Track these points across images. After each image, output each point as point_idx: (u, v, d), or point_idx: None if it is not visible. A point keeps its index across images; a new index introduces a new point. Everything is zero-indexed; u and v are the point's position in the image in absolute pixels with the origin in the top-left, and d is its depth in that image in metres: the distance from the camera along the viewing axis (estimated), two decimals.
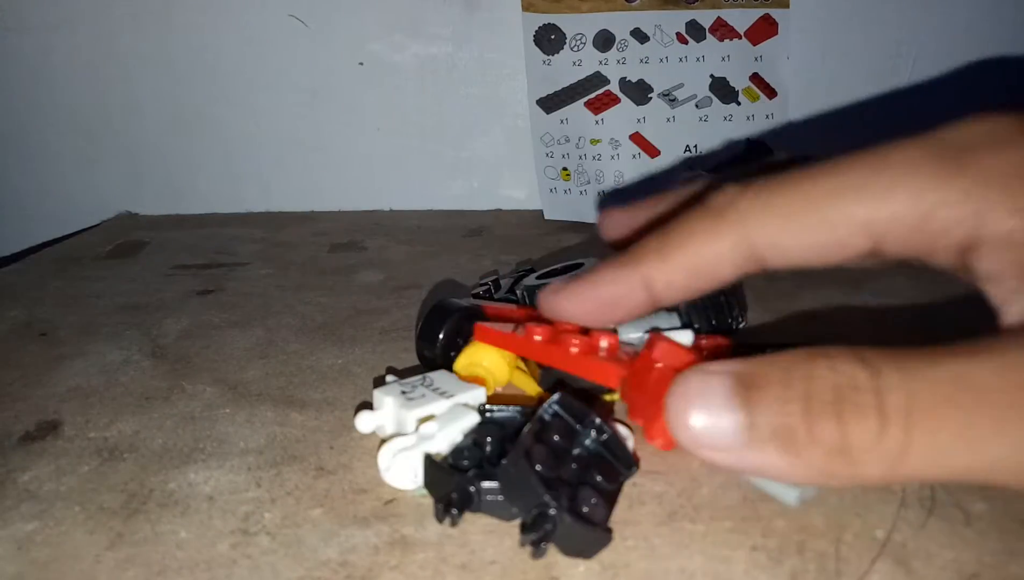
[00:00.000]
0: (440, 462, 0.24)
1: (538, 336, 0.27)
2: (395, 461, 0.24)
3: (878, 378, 0.18)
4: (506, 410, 0.26)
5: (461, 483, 0.22)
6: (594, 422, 0.24)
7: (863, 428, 0.18)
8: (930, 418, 0.17)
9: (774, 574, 0.21)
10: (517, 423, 0.25)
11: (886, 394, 0.18)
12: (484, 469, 0.23)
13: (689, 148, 0.57)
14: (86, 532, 0.23)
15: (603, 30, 0.56)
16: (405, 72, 0.60)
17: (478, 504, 0.22)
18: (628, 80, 0.57)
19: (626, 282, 0.25)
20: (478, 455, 0.24)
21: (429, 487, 0.24)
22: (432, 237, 0.54)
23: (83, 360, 0.34)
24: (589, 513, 0.21)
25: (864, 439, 0.18)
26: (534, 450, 0.22)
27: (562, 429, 0.23)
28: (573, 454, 0.23)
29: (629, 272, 0.24)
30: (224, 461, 0.27)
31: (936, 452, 0.17)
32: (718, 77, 0.57)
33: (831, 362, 0.18)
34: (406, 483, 0.24)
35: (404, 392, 0.27)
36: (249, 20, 0.60)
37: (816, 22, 0.57)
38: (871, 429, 0.18)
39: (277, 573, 0.21)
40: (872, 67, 0.58)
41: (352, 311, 0.40)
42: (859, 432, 0.18)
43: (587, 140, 0.57)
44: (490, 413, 0.26)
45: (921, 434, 0.17)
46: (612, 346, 0.27)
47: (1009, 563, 0.21)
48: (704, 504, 0.24)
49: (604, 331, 0.27)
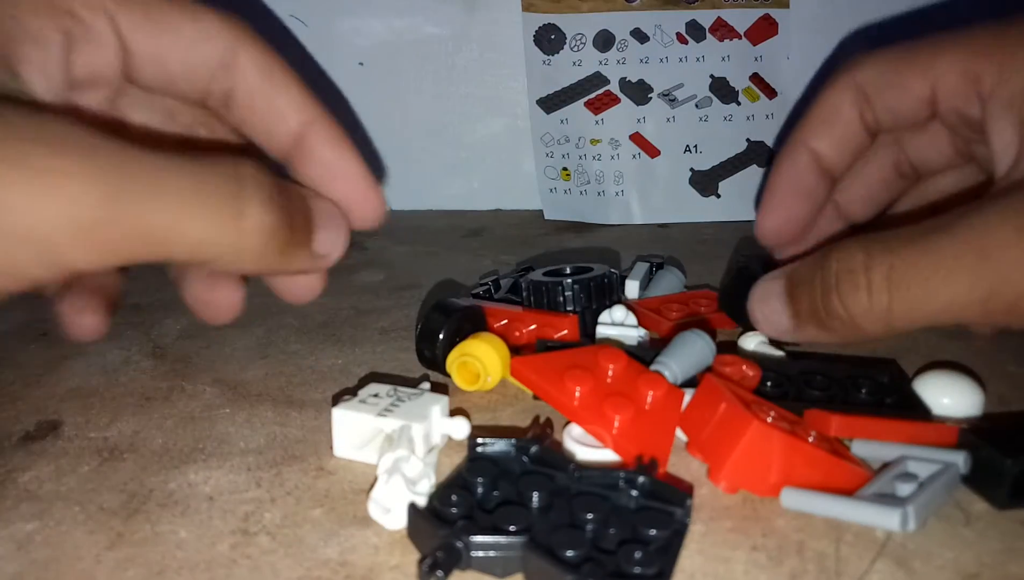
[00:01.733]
0: (424, 509, 0.22)
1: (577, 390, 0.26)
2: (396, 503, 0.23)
3: (870, 259, 0.24)
4: (498, 443, 0.24)
5: (448, 539, 0.20)
6: (632, 481, 0.22)
7: (856, 299, 0.24)
8: (903, 282, 0.23)
9: (774, 574, 0.21)
10: (511, 459, 0.24)
11: (872, 271, 0.24)
12: (475, 518, 0.22)
13: (689, 148, 0.57)
14: (86, 532, 0.23)
15: (603, 30, 0.56)
16: (405, 72, 0.60)
17: (467, 561, 0.20)
18: (628, 80, 0.57)
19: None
20: (468, 501, 0.22)
21: (412, 539, 0.22)
22: (432, 237, 0.54)
23: (83, 360, 0.34)
24: (641, 573, 0.20)
25: (860, 306, 0.24)
26: (554, 538, 0.20)
27: (587, 504, 0.22)
28: (609, 519, 0.22)
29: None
30: (224, 461, 0.27)
31: (911, 305, 0.23)
32: (718, 77, 0.57)
33: (840, 253, 0.25)
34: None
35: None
36: (248, 20, 0.60)
37: (816, 22, 0.57)
38: (863, 298, 0.24)
39: (277, 573, 0.21)
40: None
41: (352, 311, 0.40)
42: (855, 302, 0.24)
43: (587, 140, 0.57)
44: (481, 447, 0.24)
45: (898, 294, 0.23)
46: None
47: (1009, 563, 0.21)
48: (704, 504, 0.24)
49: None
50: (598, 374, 0.27)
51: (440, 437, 0.26)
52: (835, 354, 0.34)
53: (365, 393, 0.27)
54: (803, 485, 0.23)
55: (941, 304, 0.23)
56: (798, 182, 0.31)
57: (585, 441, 0.26)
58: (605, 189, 0.57)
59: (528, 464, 0.24)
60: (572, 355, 0.28)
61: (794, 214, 0.31)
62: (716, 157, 0.57)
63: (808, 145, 0.31)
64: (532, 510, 0.22)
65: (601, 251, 0.51)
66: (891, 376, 0.30)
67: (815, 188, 0.31)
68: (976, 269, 0.22)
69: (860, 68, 0.29)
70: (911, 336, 0.36)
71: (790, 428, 0.24)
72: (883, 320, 0.24)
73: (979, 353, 0.34)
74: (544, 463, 0.24)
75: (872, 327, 0.25)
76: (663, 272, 0.41)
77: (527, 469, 0.24)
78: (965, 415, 0.28)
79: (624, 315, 0.33)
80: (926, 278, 0.23)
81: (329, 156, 0.26)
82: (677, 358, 0.29)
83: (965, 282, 0.23)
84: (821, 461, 0.24)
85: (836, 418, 0.26)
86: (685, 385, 0.28)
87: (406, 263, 0.49)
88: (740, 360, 0.29)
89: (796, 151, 0.31)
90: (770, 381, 0.29)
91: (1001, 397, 0.30)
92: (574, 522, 0.22)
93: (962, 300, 0.23)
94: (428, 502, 0.22)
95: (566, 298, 0.33)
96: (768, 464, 0.24)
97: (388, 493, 0.22)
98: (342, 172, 0.26)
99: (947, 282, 0.23)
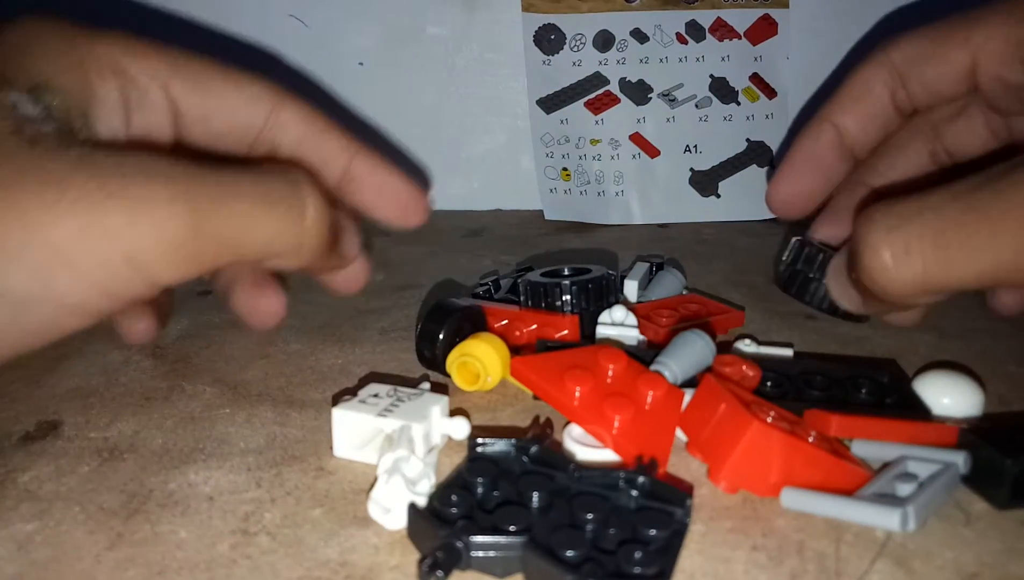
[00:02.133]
0: (424, 509, 0.22)
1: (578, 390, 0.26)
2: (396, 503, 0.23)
3: (902, 224, 0.24)
4: (498, 443, 0.24)
5: (448, 539, 0.20)
6: (632, 481, 0.22)
7: (898, 261, 0.24)
8: (940, 245, 0.23)
9: (774, 574, 0.21)
10: (511, 459, 0.24)
11: (910, 239, 0.24)
12: (475, 518, 0.22)
13: (689, 148, 0.57)
14: (86, 532, 0.23)
15: (603, 30, 0.56)
16: (405, 72, 0.60)
17: (467, 561, 0.20)
18: (628, 80, 0.57)
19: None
20: (468, 501, 0.22)
21: (412, 539, 0.22)
22: (432, 237, 0.54)
23: (83, 360, 0.34)
24: (641, 573, 0.20)
25: (900, 268, 0.24)
26: (554, 538, 0.20)
27: (587, 504, 0.22)
28: (610, 519, 0.22)
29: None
30: (224, 461, 0.27)
31: (943, 268, 0.24)
32: (718, 77, 0.57)
33: (873, 220, 0.25)
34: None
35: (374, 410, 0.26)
36: (249, 20, 0.60)
37: (816, 22, 0.57)
38: (899, 261, 0.24)
39: (277, 573, 0.21)
40: None
41: (352, 311, 0.40)
42: (897, 265, 0.24)
43: (587, 140, 0.57)
44: (481, 447, 0.24)
45: (934, 256, 0.23)
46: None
47: (1009, 563, 0.21)
48: (704, 504, 0.24)
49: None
50: (598, 374, 0.27)
51: (440, 437, 0.26)
52: (835, 354, 0.34)
53: (365, 393, 0.27)
54: (803, 485, 0.23)
55: (980, 268, 0.23)
56: (816, 156, 0.32)
57: (585, 441, 0.26)
58: (605, 189, 0.57)
59: (528, 464, 0.24)
60: (572, 355, 0.28)
61: (807, 187, 0.32)
62: (716, 157, 0.57)
63: (832, 120, 0.31)
64: (532, 510, 0.22)
65: (598, 252, 0.51)
66: (891, 376, 0.30)
67: (833, 164, 0.32)
68: (1013, 230, 0.22)
69: (895, 46, 0.30)
70: (911, 336, 0.36)
71: (790, 428, 0.24)
72: (918, 283, 0.24)
73: (979, 353, 0.34)
74: (544, 463, 0.24)
75: (906, 291, 0.25)
76: (663, 273, 0.41)
77: (527, 469, 0.24)
78: (965, 415, 0.28)
79: (624, 315, 0.33)
80: (969, 236, 0.23)
81: (377, 181, 0.30)
82: (677, 358, 0.29)
83: (1011, 240, 0.22)
84: (821, 461, 0.24)
85: (836, 418, 0.26)
86: (685, 385, 0.28)
87: (406, 263, 0.49)
88: (740, 360, 0.29)
89: (820, 126, 0.32)
90: (770, 381, 0.29)
91: (1001, 397, 0.30)
92: (574, 522, 0.22)
93: (1007, 259, 0.22)
94: (428, 502, 0.22)
95: (564, 301, 0.33)
96: (768, 464, 0.24)
97: (388, 493, 0.22)
98: (390, 190, 0.30)
99: (992, 240, 0.22)
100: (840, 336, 0.36)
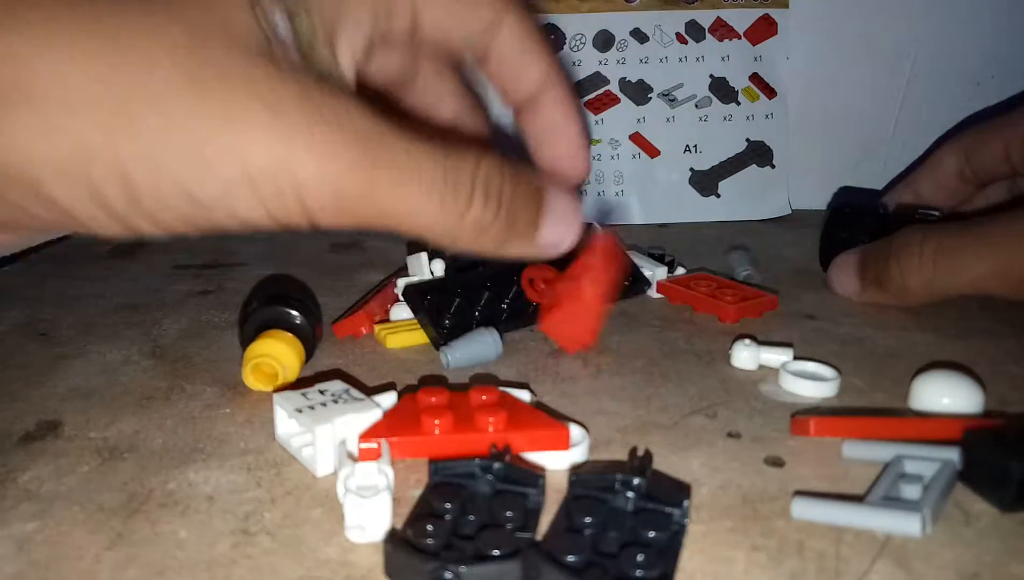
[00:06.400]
0: (405, 543, 0.21)
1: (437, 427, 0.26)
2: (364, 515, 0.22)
3: (925, 238, 0.36)
4: (459, 464, 0.24)
5: (437, 573, 0.19)
6: (628, 483, 0.22)
7: (910, 265, 0.37)
8: (946, 255, 0.35)
9: (774, 574, 0.21)
10: (477, 479, 0.23)
11: (925, 245, 0.36)
12: (455, 547, 0.21)
13: (689, 148, 0.57)
14: (86, 532, 0.23)
15: (603, 30, 0.56)
16: None
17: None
18: (628, 80, 0.57)
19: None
20: (443, 529, 0.21)
21: (393, 577, 0.21)
22: None
23: (83, 360, 0.34)
24: (644, 575, 0.20)
25: (912, 272, 0.36)
26: (555, 542, 0.20)
27: (587, 508, 0.22)
28: (611, 523, 0.21)
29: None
30: (224, 461, 0.27)
31: (950, 275, 0.35)
32: (718, 77, 0.57)
33: (903, 234, 0.37)
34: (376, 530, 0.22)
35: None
36: None
37: (816, 22, 0.57)
38: (915, 265, 0.36)
39: (277, 573, 0.21)
40: (872, 67, 0.58)
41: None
42: (908, 269, 0.37)
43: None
44: (444, 472, 0.23)
45: (941, 265, 0.35)
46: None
47: (1009, 563, 0.21)
48: (704, 504, 0.24)
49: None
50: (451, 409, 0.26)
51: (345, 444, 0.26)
52: (834, 354, 0.34)
53: (314, 388, 0.27)
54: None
55: (972, 276, 0.34)
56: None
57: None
58: (605, 189, 0.57)
59: (496, 483, 0.23)
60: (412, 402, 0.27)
61: None
62: (716, 157, 0.57)
63: (912, 187, 0.45)
64: (511, 532, 0.21)
65: None
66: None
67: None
68: (996, 252, 0.34)
69: (966, 135, 0.43)
70: (911, 336, 0.36)
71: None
72: (928, 285, 0.36)
73: (979, 353, 0.34)
74: (511, 481, 0.23)
75: (919, 290, 0.37)
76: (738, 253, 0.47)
77: (496, 488, 0.23)
78: (965, 415, 0.28)
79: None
80: (962, 254, 0.35)
81: (556, 117, 0.30)
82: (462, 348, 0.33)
83: (988, 260, 0.34)
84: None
85: (815, 421, 0.27)
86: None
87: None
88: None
89: (903, 190, 0.46)
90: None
91: (1001, 397, 0.31)
92: (573, 526, 0.21)
93: (985, 273, 0.34)
94: (403, 533, 0.21)
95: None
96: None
97: (352, 512, 0.22)
98: (564, 133, 0.30)
99: (977, 259, 0.34)
100: (840, 336, 0.36)
